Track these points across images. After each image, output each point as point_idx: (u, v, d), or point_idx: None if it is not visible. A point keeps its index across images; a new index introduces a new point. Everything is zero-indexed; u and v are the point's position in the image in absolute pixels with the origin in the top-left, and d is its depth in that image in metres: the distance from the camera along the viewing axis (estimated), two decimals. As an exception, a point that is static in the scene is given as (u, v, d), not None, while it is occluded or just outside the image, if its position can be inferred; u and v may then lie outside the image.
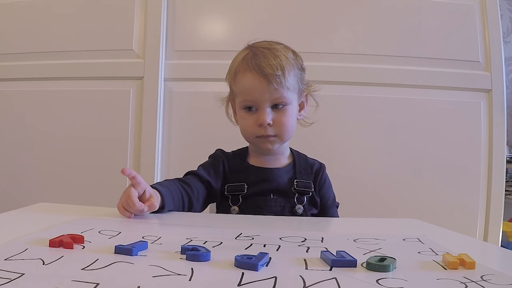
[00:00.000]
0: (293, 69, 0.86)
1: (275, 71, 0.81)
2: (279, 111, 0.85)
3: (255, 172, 0.90)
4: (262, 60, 0.83)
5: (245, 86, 0.84)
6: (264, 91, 0.82)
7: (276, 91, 0.82)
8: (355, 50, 1.61)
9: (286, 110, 0.85)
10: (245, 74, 0.84)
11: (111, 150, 1.62)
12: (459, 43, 1.62)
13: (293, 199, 0.88)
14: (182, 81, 1.63)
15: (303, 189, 0.89)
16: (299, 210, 0.87)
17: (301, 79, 0.89)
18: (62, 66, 1.65)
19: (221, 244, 0.51)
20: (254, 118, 0.85)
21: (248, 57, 0.85)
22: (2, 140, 1.69)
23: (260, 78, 0.82)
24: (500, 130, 1.59)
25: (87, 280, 0.34)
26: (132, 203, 0.67)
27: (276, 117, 0.84)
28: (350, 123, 1.60)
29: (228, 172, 0.91)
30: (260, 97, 0.83)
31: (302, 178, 0.91)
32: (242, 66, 0.85)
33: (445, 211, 1.58)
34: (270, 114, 0.84)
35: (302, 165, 0.93)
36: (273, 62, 0.82)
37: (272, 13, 1.63)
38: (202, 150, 1.65)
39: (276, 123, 0.84)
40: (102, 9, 1.65)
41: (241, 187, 0.88)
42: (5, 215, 0.65)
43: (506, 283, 0.38)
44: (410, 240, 0.57)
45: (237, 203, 0.87)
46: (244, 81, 0.84)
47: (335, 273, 0.39)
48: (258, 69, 0.82)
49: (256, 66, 0.82)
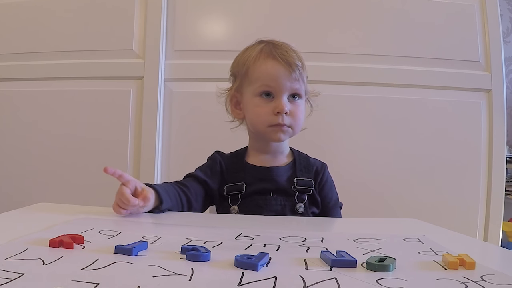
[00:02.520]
0: (306, 67, 0.89)
1: (296, 61, 0.84)
2: (294, 102, 0.87)
3: (253, 171, 0.90)
4: (285, 50, 0.86)
5: (267, 72, 0.85)
6: (286, 78, 0.84)
7: (296, 81, 0.85)
8: (355, 50, 1.61)
9: (300, 103, 0.88)
10: (267, 61, 0.85)
11: (111, 150, 1.62)
12: (459, 43, 1.62)
13: (294, 198, 0.88)
14: (182, 81, 1.63)
15: (304, 187, 0.89)
16: (300, 208, 0.87)
17: (306, 78, 0.91)
18: (62, 66, 1.65)
19: (221, 244, 0.51)
20: (271, 106, 0.85)
21: (269, 47, 0.87)
22: (2, 140, 1.69)
23: (285, 65, 0.84)
24: (500, 130, 1.59)
25: (87, 280, 0.34)
26: (126, 200, 0.68)
27: (292, 108, 0.86)
28: (350, 123, 1.60)
29: (226, 172, 0.91)
30: (281, 84, 0.84)
31: (303, 176, 0.90)
32: (262, 55, 0.87)
33: (445, 211, 1.58)
34: (288, 104, 0.85)
35: (303, 163, 0.93)
36: (292, 53, 0.85)
37: (272, 13, 1.63)
38: (202, 150, 1.65)
39: (291, 114, 0.86)
40: (102, 9, 1.65)
41: (239, 186, 0.88)
42: (5, 215, 0.65)
43: (506, 283, 0.38)
44: (410, 240, 0.57)
45: (236, 203, 0.87)
46: (267, 67, 0.85)
47: (335, 273, 0.39)
48: (283, 57, 0.84)
49: (281, 54, 0.85)
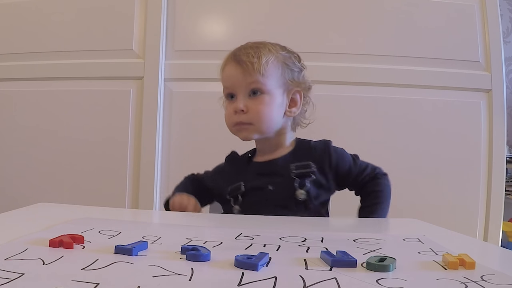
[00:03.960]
0: (276, 61, 0.87)
1: (250, 58, 0.84)
2: (255, 98, 0.85)
3: (253, 168, 0.91)
4: (241, 51, 0.87)
5: (225, 76, 0.89)
6: (238, 76, 0.85)
7: (250, 76, 0.84)
8: (355, 50, 1.61)
9: (263, 98, 0.85)
10: (226, 64, 0.89)
11: (111, 150, 1.62)
12: (459, 43, 1.62)
13: (293, 186, 0.85)
14: (182, 81, 1.63)
15: (302, 171, 0.86)
16: (301, 196, 0.84)
17: (289, 73, 0.88)
18: (62, 66, 1.65)
19: (221, 244, 0.51)
20: (233, 106, 0.87)
21: (232, 51, 0.90)
22: (2, 140, 1.69)
23: (236, 65, 0.86)
24: (500, 130, 1.59)
25: (87, 280, 0.34)
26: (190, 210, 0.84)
27: (251, 104, 0.85)
28: (350, 123, 1.60)
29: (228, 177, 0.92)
30: (235, 83, 0.86)
31: (300, 161, 0.87)
32: (224, 60, 0.90)
33: (445, 211, 1.58)
34: (244, 101, 0.85)
35: (303, 148, 0.91)
36: (250, 51, 0.86)
37: (272, 13, 1.63)
38: (202, 150, 1.65)
39: (250, 110, 0.84)
40: (102, 9, 1.65)
41: (238, 187, 0.88)
42: (5, 215, 0.65)
43: (506, 283, 0.38)
44: (410, 240, 0.57)
45: (237, 202, 0.88)
46: (224, 71, 0.89)
47: (335, 273, 0.39)
48: (235, 57, 0.87)
49: (234, 55, 0.87)
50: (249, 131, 0.86)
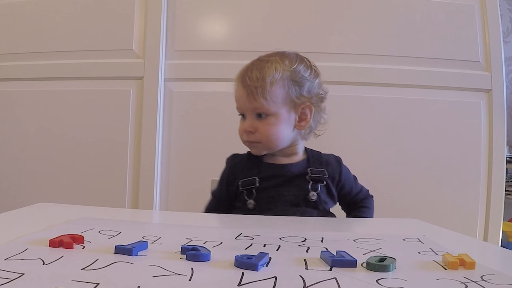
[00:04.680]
0: (282, 81, 0.88)
1: (254, 82, 0.87)
2: (262, 120, 0.89)
3: (267, 168, 0.93)
4: (247, 72, 0.90)
5: (235, 96, 0.93)
6: (245, 99, 0.89)
7: (255, 101, 0.87)
8: (355, 50, 1.61)
9: (268, 119, 0.89)
10: (237, 84, 0.92)
11: (111, 150, 1.62)
12: (459, 43, 1.62)
13: (307, 187, 0.90)
14: (182, 81, 1.63)
15: (317, 176, 0.91)
16: (313, 197, 0.89)
17: (296, 90, 0.89)
18: (62, 66, 1.65)
19: (221, 244, 0.51)
20: (243, 125, 0.92)
21: (243, 69, 0.92)
22: (2, 140, 1.69)
23: (242, 89, 0.89)
24: (500, 130, 1.59)
25: (87, 280, 0.34)
26: None
27: (259, 126, 0.89)
28: (349, 123, 1.60)
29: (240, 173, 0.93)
30: (243, 106, 0.90)
31: (316, 167, 0.93)
32: (237, 77, 0.93)
33: (445, 211, 1.58)
34: (251, 122, 0.89)
35: (315, 157, 0.96)
36: (255, 74, 0.88)
37: (272, 13, 1.63)
38: (202, 150, 1.66)
39: (258, 131, 0.89)
40: (102, 9, 1.65)
41: (253, 181, 0.90)
42: (5, 215, 0.65)
43: (506, 283, 0.38)
44: (410, 240, 0.57)
45: (252, 197, 0.90)
46: (235, 90, 0.93)
47: (335, 273, 0.39)
48: (243, 79, 0.90)
49: (242, 77, 0.90)
50: (259, 148, 0.92)
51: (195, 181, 1.57)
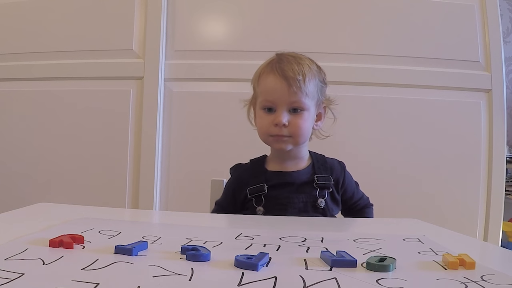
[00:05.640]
0: (314, 79, 0.90)
1: (296, 75, 0.86)
2: (296, 114, 0.89)
3: (275, 176, 0.93)
4: (285, 65, 0.88)
5: (267, 87, 0.89)
6: (284, 93, 0.87)
7: (295, 95, 0.87)
8: (355, 50, 1.61)
9: (302, 114, 0.89)
10: (268, 76, 0.89)
11: (111, 150, 1.62)
12: (459, 43, 1.62)
13: (315, 194, 0.91)
14: (182, 81, 1.63)
15: (324, 183, 0.92)
16: (321, 204, 0.90)
17: (321, 90, 0.93)
18: (62, 66, 1.65)
19: (221, 244, 0.51)
20: (271, 117, 0.89)
21: (274, 61, 0.91)
22: (2, 140, 1.69)
23: (282, 80, 0.87)
24: (500, 130, 1.59)
25: (87, 280, 0.34)
26: None
27: (292, 119, 0.88)
28: (350, 123, 1.59)
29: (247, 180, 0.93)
30: (279, 99, 0.87)
31: (322, 174, 0.93)
32: (266, 69, 0.91)
33: (445, 211, 1.58)
34: (286, 116, 0.88)
35: (320, 162, 0.96)
36: (296, 67, 0.87)
37: (272, 13, 1.63)
38: (202, 150, 1.65)
39: (291, 125, 0.88)
40: (102, 9, 1.65)
41: (261, 187, 0.90)
42: (5, 215, 0.65)
43: (506, 283, 0.38)
44: (410, 240, 0.57)
45: (261, 204, 0.90)
46: (267, 82, 0.89)
47: (335, 273, 0.39)
48: (281, 71, 0.87)
49: (280, 69, 0.88)
50: (287, 143, 0.90)
51: (195, 181, 1.57)
